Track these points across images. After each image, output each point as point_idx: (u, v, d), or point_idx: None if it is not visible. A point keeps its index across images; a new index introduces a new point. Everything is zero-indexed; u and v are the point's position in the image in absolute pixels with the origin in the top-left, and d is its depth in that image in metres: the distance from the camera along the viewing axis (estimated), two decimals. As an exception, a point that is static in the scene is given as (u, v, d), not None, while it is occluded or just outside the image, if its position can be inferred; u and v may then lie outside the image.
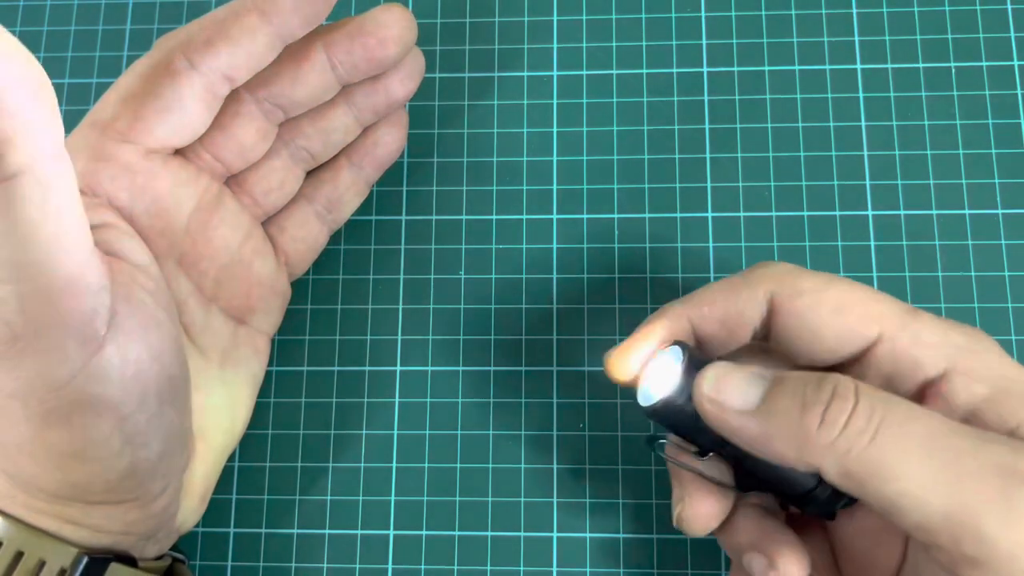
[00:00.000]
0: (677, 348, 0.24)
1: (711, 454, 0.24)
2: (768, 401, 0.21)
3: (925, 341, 0.22)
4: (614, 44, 0.33)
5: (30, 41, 0.35)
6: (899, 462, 0.19)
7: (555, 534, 0.29)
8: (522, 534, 0.29)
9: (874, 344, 0.23)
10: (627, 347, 0.24)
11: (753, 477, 0.24)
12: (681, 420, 0.23)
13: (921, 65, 0.32)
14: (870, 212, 0.31)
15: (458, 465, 0.30)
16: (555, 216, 0.32)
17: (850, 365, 0.24)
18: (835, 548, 0.25)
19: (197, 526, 0.30)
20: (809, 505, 0.24)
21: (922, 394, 0.23)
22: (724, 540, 0.25)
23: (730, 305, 0.24)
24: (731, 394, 0.22)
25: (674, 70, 0.33)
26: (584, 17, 0.33)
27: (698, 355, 0.23)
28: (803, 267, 0.24)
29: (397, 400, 0.31)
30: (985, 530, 0.19)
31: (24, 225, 0.18)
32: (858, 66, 0.32)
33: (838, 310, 0.23)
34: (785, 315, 0.24)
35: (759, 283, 0.24)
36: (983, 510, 0.19)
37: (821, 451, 0.20)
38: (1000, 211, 0.31)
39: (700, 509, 0.24)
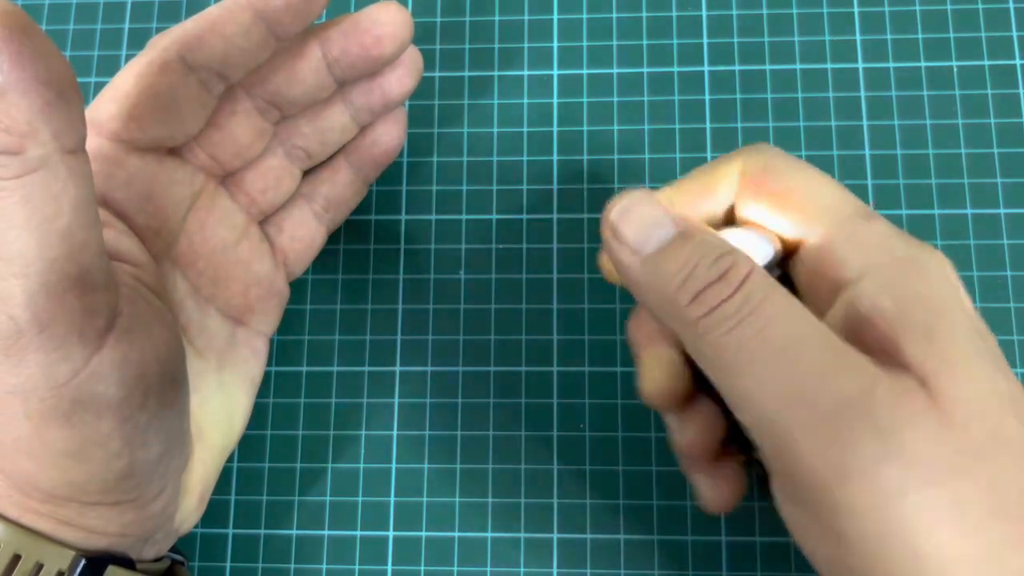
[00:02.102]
0: (776, 250, 0.23)
1: None
2: (660, 255, 0.21)
3: (858, 242, 0.21)
4: (614, 43, 0.33)
5: (28, 40, 0.34)
6: (747, 360, 0.19)
7: (555, 534, 0.29)
8: (522, 535, 0.29)
9: (812, 235, 0.22)
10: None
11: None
12: None
13: (923, 64, 0.32)
14: (871, 212, 0.31)
15: (458, 465, 0.30)
16: (555, 216, 0.32)
17: (793, 251, 0.23)
18: None
19: (196, 527, 0.30)
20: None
21: (836, 294, 0.22)
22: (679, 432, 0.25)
23: (707, 178, 0.24)
24: (633, 229, 0.21)
25: (675, 69, 0.33)
26: (584, 16, 0.33)
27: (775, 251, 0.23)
28: (787, 153, 0.23)
29: (396, 400, 0.31)
30: (800, 452, 0.19)
31: (39, 219, 0.18)
32: (859, 65, 0.32)
33: (795, 192, 0.22)
34: (744, 190, 0.23)
35: (735, 158, 0.23)
36: (805, 430, 0.19)
37: (684, 324, 0.20)
38: (1002, 211, 0.31)
39: (656, 378, 0.24)
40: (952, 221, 0.31)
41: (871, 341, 0.20)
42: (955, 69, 0.32)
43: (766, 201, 0.23)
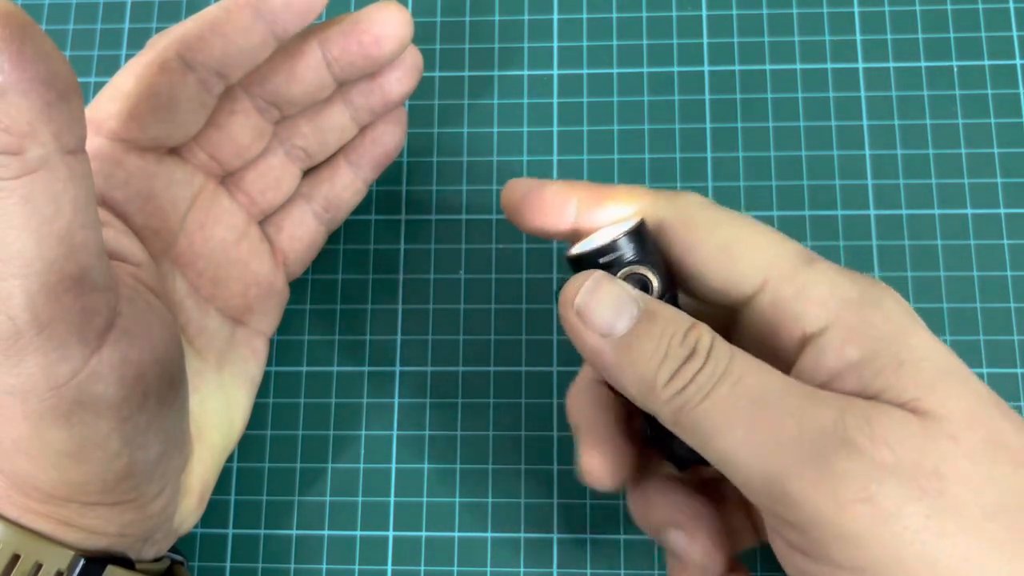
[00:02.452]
0: (635, 219, 0.23)
1: None
2: (630, 337, 0.21)
3: (809, 294, 0.21)
4: (614, 43, 0.33)
5: (28, 40, 0.35)
6: (724, 421, 0.19)
7: (555, 534, 0.29)
8: (522, 535, 0.29)
9: (759, 291, 0.22)
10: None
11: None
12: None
13: (923, 64, 0.32)
14: (872, 212, 0.31)
15: (457, 466, 0.30)
16: (555, 216, 0.32)
17: (740, 309, 0.23)
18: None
19: (196, 527, 0.30)
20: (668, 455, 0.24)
21: (800, 348, 0.22)
22: (643, 517, 0.25)
23: (606, 198, 0.23)
24: (600, 313, 0.21)
25: (675, 69, 0.33)
26: (584, 16, 0.33)
27: (650, 234, 0.22)
28: (715, 203, 0.23)
29: (396, 400, 0.31)
30: (795, 493, 0.19)
31: (39, 220, 0.18)
32: (859, 65, 0.32)
33: (725, 249, 0.22)
34: (676, 246, 0.23)
35: (660, 205, 0.23)
36: (793, 473, 0.19)
37: (662, 402, 0.20)
38: (1002, 211, 0.31)
39: (595, 460, 0.24)
40: (952, 221, 0.31)
41: (847, 392, 0.20)
42: (955, 69, 0.32)
43: (696, 256, 0.22)
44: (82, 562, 0.22)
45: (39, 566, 0.22)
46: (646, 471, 0.25)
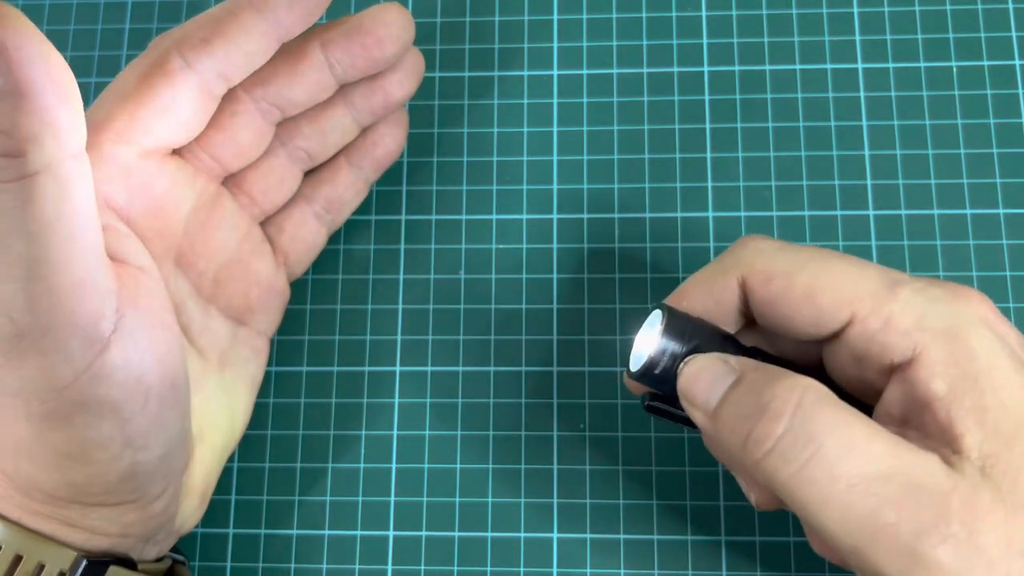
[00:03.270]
0: (658, 311, 0.23)
1: None
2: (720, 405, 0.21)
3: (896, 326, 0.22)
4: (614, 43, 0.33)
5: (28, 40, 0.35)
6: (821, 501, 0.20)
7: (555, 534, 0.29)
8: (522, 534, 0.29)
9: (847, 325, 0.22)
10: None
11: None
12: (665, 382, 0.23)
13: (922, 64, 0.32)
14: (871, 212, 0.31)
15: (458, 466, 0.30)
16: (555, 216, 0.32)
17: (832, 341, 0.23)
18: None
19: (196, 527, 0.30)
20: None
21: (889, 376, 0.22)
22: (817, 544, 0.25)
23: (706, 297, 0.24)
24: (697, 392, 0.22)
25: (675, 69, 0.33)
26: (584, 16, 0.33)
27: (680, 314, 0.23)
28: (781, 242, 0.24)
29: (397, 401, 0.31)
30: (882, 574, 0.19)
31: (40, 223, 0.18)
32: (859, 65, 0.32)
33: (808, 296, 0.22)
34: (758, 302, 0.23)
35: (731, 270, 0.24)
36: (885, 561, 0.19)
37: (752, 466, 0.21)
38: (1001, 211, 0.31)
39: (762, 492, 0.24)
40: (951, 221, 0.31)
41: (930, 424, 0.21)
42: (954, 69, 0.32)
43: (782, 305, 0.23)
44: (84, 562, 0.23)
45: (41, 567, 0.22)
46: None
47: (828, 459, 0.20)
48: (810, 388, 0.21)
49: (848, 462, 0.20)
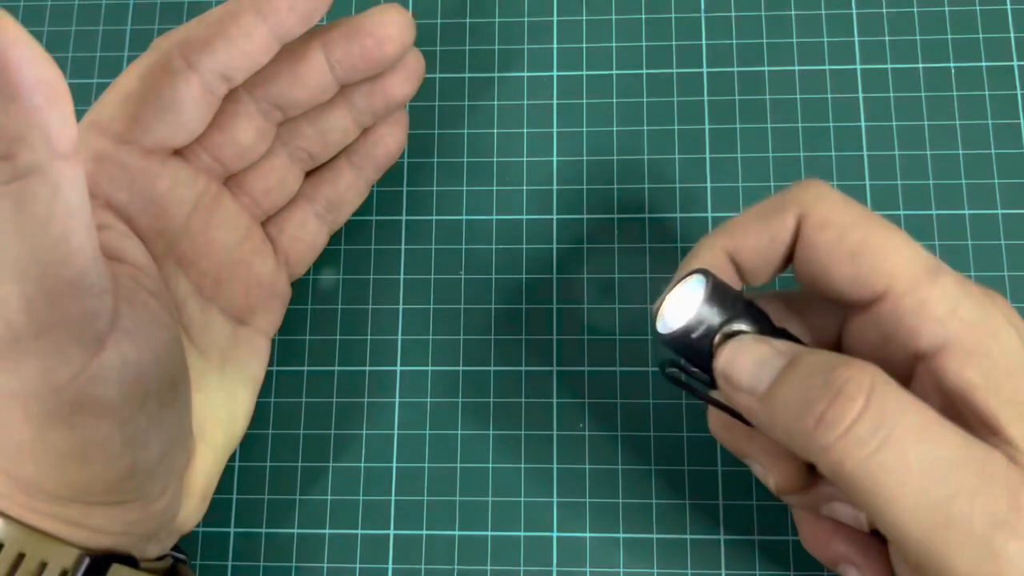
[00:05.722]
0: (699, 276, 0.23)
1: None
2: (774, 388, 0.21)
3: (930, 311, 0.21)
4: (614, 44, 0.33)
5: (30, 41, 0.35)
6: (894, 485, 0.19)
7: (555, 534, 0.29)
8: (522, 534, 0.30)
9: (881, 299, 0.22)
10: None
11: None
12: (696, 351, 0.22)
13: (921, 65, 0.32)
14: (870, 212, 0.31)
15: (458, 465, 0.30)
16: (555, 216, 0.32)
17: (859, 315, 0.23)
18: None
19: (197, 526, 0.30)
20: None
21: (914, 362, 0.22)
22: (817, 549, 0.25)
23: (762, 234, 0.23)
24: (743, 374, 0.21)
25: (674, 70, 0.33)
26: (584, 17, 0.33)
27: (721, 284, 0.22)
28: (842, 194, 0.23)
29: (397, 400, 0.31)
30: (953, 571, 0.19)
31: (33, 224, 0.18)
32: (858, 66, 0.32)
33: (853, 255, 0.22)
34: (804, 246, 0.23)
35: (790, 207, 0.23)
36: (958, 554, 0.19)
37: (817, 450, 0.20)
38: (1000, 211, 0.31)
39: (783, 473, 0.24)
40: (950, 221, 0.31)
41: (968, 413, 0.21)
42: (953, 70, 0.32)
43: (826, 257, 0.22)
44: (87, 561, 0.23)
45: (44, 565, 0.22)
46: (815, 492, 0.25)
47: (902, 443, 0.19)
48: (879, 372, 0.20)
49: (922, 447, 0.19)
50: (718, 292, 0.22)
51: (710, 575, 0.29)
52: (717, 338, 0.22)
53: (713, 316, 0.22)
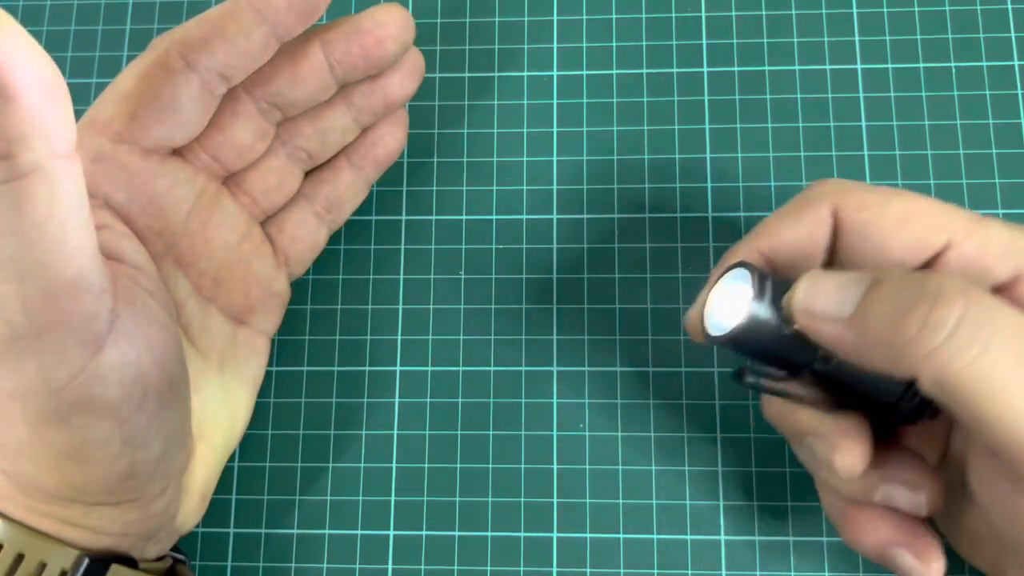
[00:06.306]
0: (741, 270, 0.22)
1: (795, 376, 0.23)
2: (864, 305, 0.20)
3: (992, 248, 0.22)
4: (614, 44, 0.33)
5: (30, 41, 0.35)
6: (1008, 383, 0.19)
7: (555, 534, 0.29)
8: (522, 534, 0.30)
9: (941, 252, 0.22)
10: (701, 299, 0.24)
11: (841, 394, 0.23)
12: (761, 342, 0.22)
13: (921, 65, 0.32)
14: (870, 212, 0.31)
15: (458, 465, 0.30)
16: (555, 216, 0.32)
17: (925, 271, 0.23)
18: None
19: (197, 526, 0.30)
20: (893, 416, 0.23)
21: None
22: (862, 542, 0.25)
23: (799, 229, 0.24)
24: (825, 302, 0.21)
25: (674, 70, 0.33)
26: (584, 17, 0.33)
27: (766, 272, 0.22)
28: (859, 180, 0.24)
29: (397, 400, 0.31)
30: None
31: (31, 224, 0.18)
32: (858, 66, 0.32)
33: (904, 220, 0.22)
34: (850, 231, 0.23)
35: (821, 200, 0.23)
36: None
37: (920, 359, 0.19)
38: (1000, 211, 0.31)
39: (852, 452, 0.23)
40: (950, 221, 0.31)
41: None
42: (953, 70, 0.32)
43: (877, 232, 0.23)
44: (86, 561, 0.23)
45: (43, 565, 0.22)
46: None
47: (1006, 342, 0.19)
48: (967, 281, 0.20)
49: None
50: (766, 281, 0.22)
51: (710, 575, 0.29)
52: (796, 284, 0.22)
53: (767, 308, 0.22)
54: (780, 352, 0.22)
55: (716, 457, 0.30)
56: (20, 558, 0.22)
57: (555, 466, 0.30)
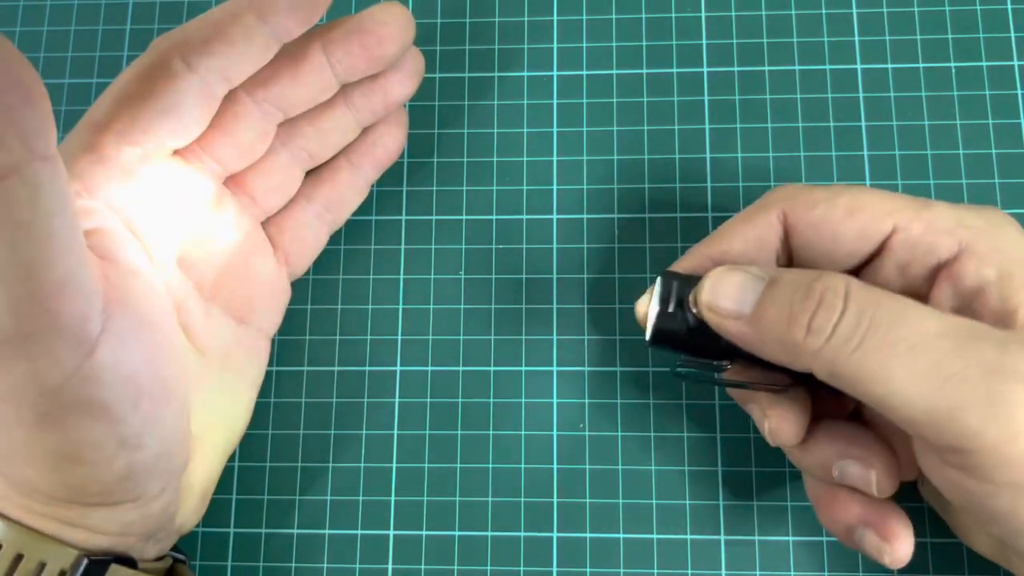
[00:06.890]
0: (660, 278, 0.24)
1: (728, 362, 0.25)
2: (759, 308, 0.22)
3: (938, 227, 0.23)
4: (614, 44, 0.33)
5: (30, 41, 0.35)
6: (883, 368, 0.20)
7: (555, 534, 0.29)
8: (522, 534, 0.30)
9: (889, 236, 0.24)
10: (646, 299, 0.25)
11: (779, 372, 0.24)
12: (683, 341, 0.24)
13: (921, 65, 0.32)
14: (870, 212, 0.31)
15: (458, 465, 0.30)
16: (555, 216, 0.32)
17: (871, 262, 0.24)
18: None
19: (197, 526, 0.30)
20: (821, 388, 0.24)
21: (935, 277, 0.23)
22: (813, 461, 0.25)
23: (748, 232, 0.25)
24: (727, 300, 0.23)
25: (674, 70, 0.33)
26: (584, 17, 0.33)
27: (679, 277, 0.24)
28: (811, 183, 0.25)
29: (397, 400, 0.31)
30: (968, 425, 0.20)
31: (14, 227, 0.18)
32: (858, 66, 0.32)
33: (851, 211, 0.24)
34: (802, 230, 0.24)
35: (772, 206, 0.25)
36: (965, 407, 0.20)
37: (810, 357, 0.21)
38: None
39: (779, 418, 0.25)
40: (950, 221, 0.31)
41: (982, 310, 0.22)
42: (953, 70, 0.32)
43: (826, 226, 0.24)
44: (85, 561, 0.23)
45: (42, 565, 0.22)
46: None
47: (882, 326, 0.20)
48: (852, 279, 0.22)
49: (903, 326, 0.20)
50: (669, 279, 0.24)
51: (710, 575, 0.29)
52: (702, 281, 0.23)
53: (676, 311, 0.24)
54: (707, 345, 0.24)
55: (716, 457, 0.30)
56: (19, 558, 0.22)
57: (555, 466, 0.30)
